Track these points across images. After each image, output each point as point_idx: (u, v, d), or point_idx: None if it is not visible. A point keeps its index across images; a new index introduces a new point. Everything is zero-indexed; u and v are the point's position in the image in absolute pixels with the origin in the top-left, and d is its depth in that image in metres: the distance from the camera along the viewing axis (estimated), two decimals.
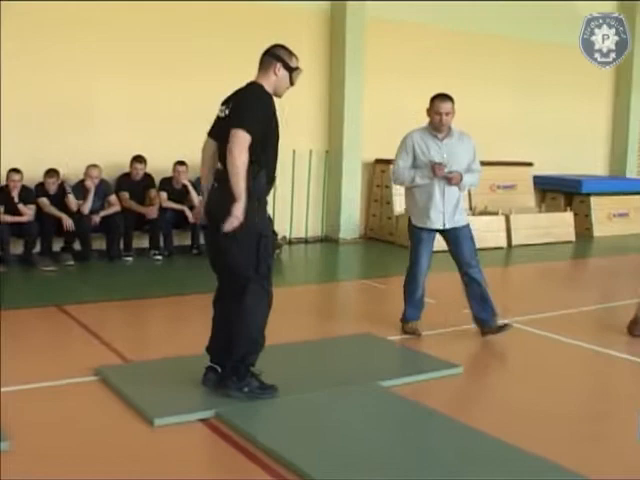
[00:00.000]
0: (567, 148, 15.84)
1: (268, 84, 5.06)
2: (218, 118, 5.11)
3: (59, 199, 9.96)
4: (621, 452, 4.58)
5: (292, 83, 5.20)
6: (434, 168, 6.77)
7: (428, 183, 6.89)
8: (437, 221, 7.00)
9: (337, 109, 12.69)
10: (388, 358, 6.25)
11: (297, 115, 12.07)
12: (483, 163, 13.80)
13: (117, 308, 7.99)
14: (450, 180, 6.80)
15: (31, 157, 9.92)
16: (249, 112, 4.87)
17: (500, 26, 14.42)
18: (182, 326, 7.53)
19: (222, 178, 4.97)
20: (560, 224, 13.92)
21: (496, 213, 13.04)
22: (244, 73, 5.31)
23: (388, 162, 12.91)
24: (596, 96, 16.68)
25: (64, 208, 9.93)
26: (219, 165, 5.07)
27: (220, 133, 5.04)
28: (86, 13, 10.33)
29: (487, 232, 12.75)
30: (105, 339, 6.59)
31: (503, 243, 12.96)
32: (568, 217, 14.13)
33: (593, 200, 14.89)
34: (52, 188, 9.92)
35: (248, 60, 5.47)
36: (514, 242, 13.03)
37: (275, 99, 5.11)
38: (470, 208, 13.53)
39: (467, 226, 7.15)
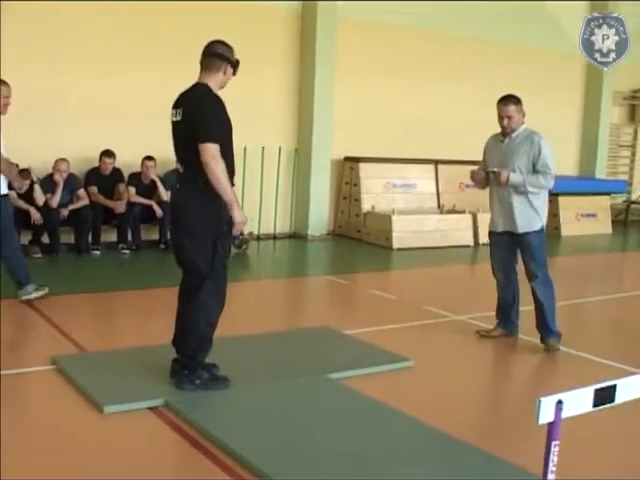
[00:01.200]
0: None
1: (215, 83, 5.16)
2: (173, 122, 5.22)
3: (27, 192, 10.00)
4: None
5: (234, 74, 5.32)
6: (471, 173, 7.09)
7: (490, 187, 6.91)
8: (496, 223, 6.87)
9: (307, 107, 12.81)
10: (341, 351, 6.35)
11: (267, 112, 12.24)
12: (452, 162, 14.10)
13: (83, 301, 8.06)
14: (495, 179, 6.73)
15: None
16: (210, 122, 4.98)
17: (472, 28, 14.60)
18: (145, 319, 7.63)
19: (183, 180, 5.18)
20: None
21: (463, 212, 13.20)
22: None
23: (357, 160, 13.12)
24: (567, 97, 16.91)
25: (32, 201, 9.99)
26: (180, 167, 5.21)
27: (176, 137, 5.22)
28: (57, 9, 10.40)
29: (454, 230, 12.96)
30: (66, 330, 6.68)
31: (470, 241, 13.12)
32: None
33: (561, 200, 15.07)
34: (23, 188, 9.92)
35: None
36: (481, 240, 13.18)
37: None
38: (438, 206, 13.74)
39: (534, 233, 6.69)
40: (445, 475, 4.12)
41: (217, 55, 5.19)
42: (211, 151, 4.91)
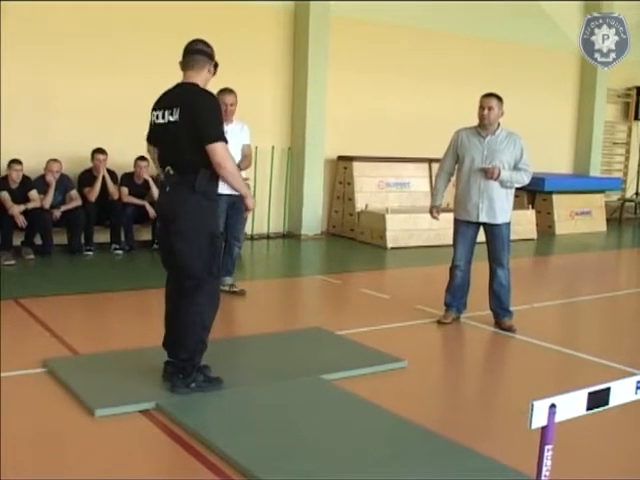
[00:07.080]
0: (531, 146, 15.85)
1: (201, 81, 5.13)
2: (163, 124, 5.08)
3: (22, 192, 9.98)
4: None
5: (214, 74, 5.29)
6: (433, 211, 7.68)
7: (467, 177, 7.22)
8: (471, 213, 7.22)
9: (300, 106, 12.78)
10: (334, 352, 6.32)
11: (260, 112, 12.18)
12: None
13: (75, 302, 8.02)
14: (486, 173, 7.09)
15: None
16: (215, 122, 4.99)
17: (466, 26, 14.60)
18: (138, 320, 7.58)
19: (175, 182, 5.07)
20: (522, 221, 13.99)
21: None
22: None
23: (350, 159, 13.09)
24: (561, 95, 16.89)
25: (26, 201, 9.95)
26: (170, 170, 5.10)
27: (166, 138, 5.10)
28: (47, 9, 10.37)
29: (448, 229, 12.79)
30: (58, 332, 6.64)
31: None
32: (530, 215, 14.26)
33: (556, 198, 15.03)
34: (17, 175, 9.89)
35: None
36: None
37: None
38: None
39: (507, 224, 7.28)
40: (438, 476, 4.09)
41: (202, 52, 5.16)
42: (222, 150, 4.94)
